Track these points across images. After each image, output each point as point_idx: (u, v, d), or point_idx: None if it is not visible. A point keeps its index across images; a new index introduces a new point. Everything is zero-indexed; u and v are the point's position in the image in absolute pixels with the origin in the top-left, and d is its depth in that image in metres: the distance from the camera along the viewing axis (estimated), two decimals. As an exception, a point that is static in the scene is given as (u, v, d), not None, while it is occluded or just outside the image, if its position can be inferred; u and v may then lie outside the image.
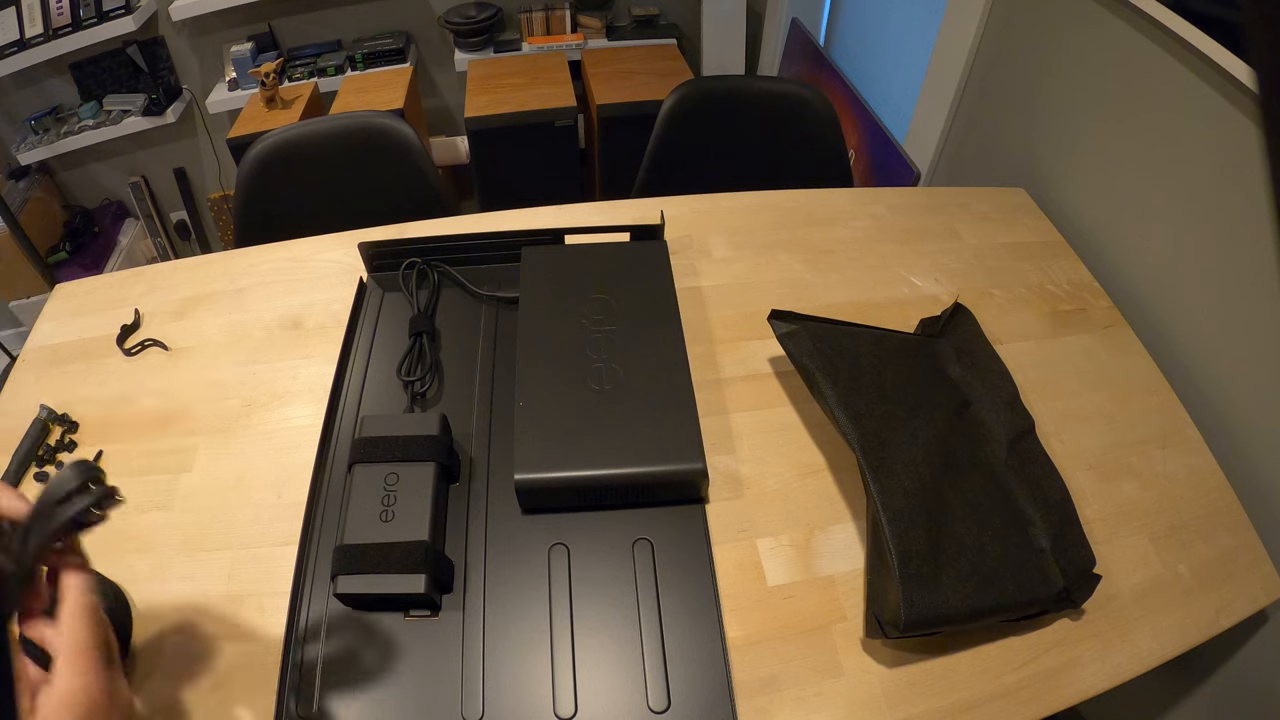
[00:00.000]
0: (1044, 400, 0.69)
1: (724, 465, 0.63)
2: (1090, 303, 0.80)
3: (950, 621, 0.51)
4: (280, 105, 1.79)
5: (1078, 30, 0.89)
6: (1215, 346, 0.74)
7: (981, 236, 0.88)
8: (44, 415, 0.67)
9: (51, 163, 1.99)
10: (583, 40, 2.07)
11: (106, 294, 0.81)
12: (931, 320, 0.75)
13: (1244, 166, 0.68)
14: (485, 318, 0.74)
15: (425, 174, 1.08)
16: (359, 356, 0.70)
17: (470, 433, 0.64)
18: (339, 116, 1.08)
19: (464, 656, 0.51)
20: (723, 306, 0.77)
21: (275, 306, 0.78)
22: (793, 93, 1.13)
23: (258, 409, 0.68)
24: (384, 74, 1.94)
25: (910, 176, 1.31)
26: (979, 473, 0.60)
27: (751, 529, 0.60)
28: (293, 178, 1.07)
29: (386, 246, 0.77)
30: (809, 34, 1.80)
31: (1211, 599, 0.58)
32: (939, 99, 1.20)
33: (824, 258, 0.84)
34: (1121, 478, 0.65)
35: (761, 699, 0.51)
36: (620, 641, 0.52)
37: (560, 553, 0.57)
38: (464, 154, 2.10)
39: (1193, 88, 0.73)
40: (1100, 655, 0.54)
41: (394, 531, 0.53)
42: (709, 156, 1.16)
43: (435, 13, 2.03)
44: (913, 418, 0.61)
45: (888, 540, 0.52)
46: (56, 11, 1.75)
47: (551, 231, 0.76)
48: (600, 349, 0.64)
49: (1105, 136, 0.87)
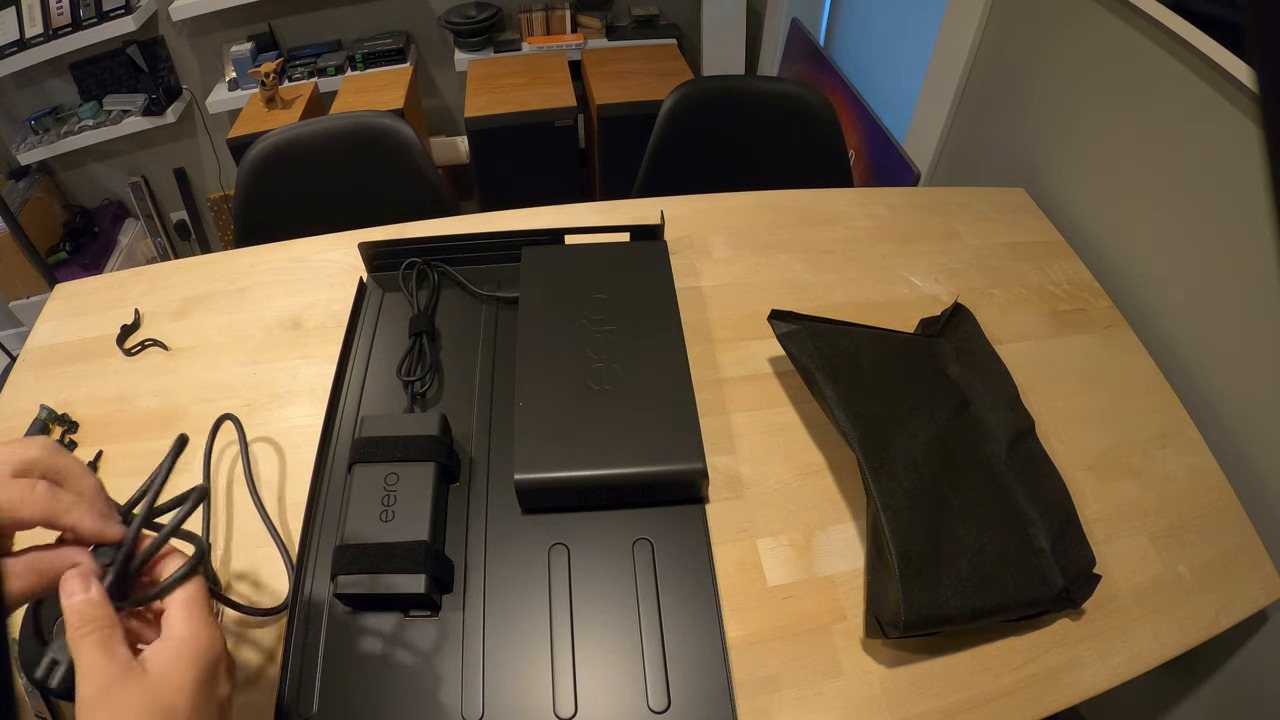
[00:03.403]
0: (1044, 400, 0.69)
1: (724, 465, 0.63)
2: (1090, 303, 0.80)
3: (950, 621, 0.51)
4: (280, 105, 1.79)
5: (1078, 30, 0.89)
6: (1215, 346, 0.74)
7: (981, 236, 0.88)
8: (44, 415, 0.67)
9: (51, 163, 1.99)
10: (583, 40, 2.07)
11: (106, 294, 0.81)
12: (931, 320, 0.75)
13: (1244, 166, 0.68)
14: (485, 318, 0.74)
15: (425, 174, 1.08)
16: (359, 356, 0.70)
17: (470, 433, 0.64)
18: (339, 116, 1.08)
19: (464, 656, 0.51)
20: (723, 306, 0.77)
21: (275, 306, 0.78)
22: (793, 93, 1.13)
23: (258, 409, 0.68)
24: (384, 74, 1.94)
25: (910, 176, 1.31)
26: (979, 473, 0.60)
27: (751, 529, 0.60)
28: (293, 178, 1.07)
29: (386, 246, 0.77)
30: (809, 34, 1.80)
31: (1211, 599, 0.58)
32: (939, 99, 1.20)
33: (824, 258, 0.84)
34: (1121, 478, 0.65)
35: (761, 699, 0.51)
36: (620, 641, 0.52)
37: (560, 553, 0.57)
38: (464, 154, 2.10)
39: (1193, 88, 0.73)
40: (1100, 655, 0.54)
41: (394, 531, 0.53)
42: (709, 156, 1.16)
43: (435, 13, 2.03)
44: (913, 418, 0.61)
45: (888, 540, 0.52)
46: (56, 11, 1.75)
47: (551, 231, 0.76)
48: (600, 349, 0.64)
49: (1105, 137, 0.87)
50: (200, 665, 0.34)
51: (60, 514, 0.35)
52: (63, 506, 0.35)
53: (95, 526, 0.35)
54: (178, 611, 0.35)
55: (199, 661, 0.34)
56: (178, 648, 0.34)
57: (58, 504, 0.34)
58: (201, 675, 0.34)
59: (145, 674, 0.33)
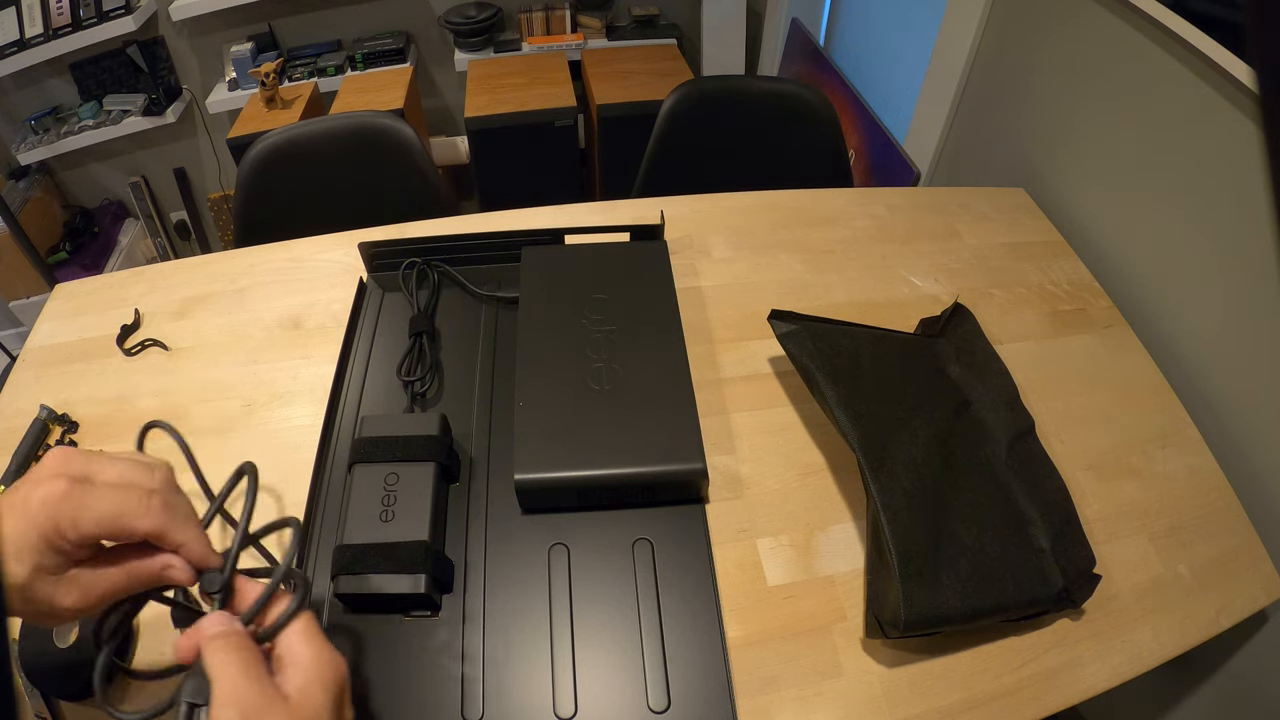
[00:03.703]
0: (1044, 400, 0.69)
1: (724, 465, 0.63)
2: (1090, 303, 0.80)
3: (950, 621, 0.51)
4: (280, 105, 1.79)
5: (1078, 30, 0.89)
6: (1215, 346, 0.74)
7: (981, 236, 0.88)
8: (44, 415, 0.67)
9: (51, 163, 1.99)
10: (583, 40, 2.07)
11: (106, 294, 0.81)
12: (931, 320, 0.75)
13: (1245, 166, 0.68)
14: (485, 318, 0.74)
15: (425, 174, 1.08)
16: (359, 356, 0.70)
17: (470, 433, 0.64)
18: (339, 116, 1.08)
19: (464, 656, 0.51)
20: (723, 306, 0.77)
21: (275, 306, 0.78)
22: (793, 93, 1.13)
23: (258, 409, 0.68)
24: (384, 74, 1.94)
25: (910, 176, 1.31)
26: (979, 473, 0.60)
27: (751, 529, 0.59)
28: (293, 178, 1.07)
29: (386, 246, 0.77)
30: (809, 34, 1.80)
31: (1211, 599, 0.58)
32: (939, 99, 1.20)
33: (824, 258, 0.84)
34: (1121, 478, 0.65)
35: (761, 699, 0.51)
36: (620, 641, 0.52)
37: (560, 553, 0.57)
38: (464, 154, 2.10)
39: (1193, 88, 0.73)
40: (1100, 655, 0.54)
41: (394, 531, 0.53)
42: (709, 156, 1.16)
43: (435, 13, 2.03)
44: (913, 418, 0.61)
45: (888, 540, 0.52)
46: (56, 11, 1.75)
47: (551, 231, 0.76)
48: (600, 349, 0.64)
49: (1106, 136, 0.87)
50: (332, 690, 0.34)
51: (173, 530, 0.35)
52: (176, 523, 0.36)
53: (204, 550, 0.36)
54: (298, 640, 0.35)
55: (331, 686, 0.34)
56: (310, 673, 0.34)
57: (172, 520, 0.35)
58: (334, 700, 0.34)
59: (286, 700, 0.33)
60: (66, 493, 0.33)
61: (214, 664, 0.33)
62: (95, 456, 0.36)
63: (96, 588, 0.34)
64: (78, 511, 0.33)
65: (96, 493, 0.34)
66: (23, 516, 0.32)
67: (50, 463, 0.35)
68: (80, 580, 0.34)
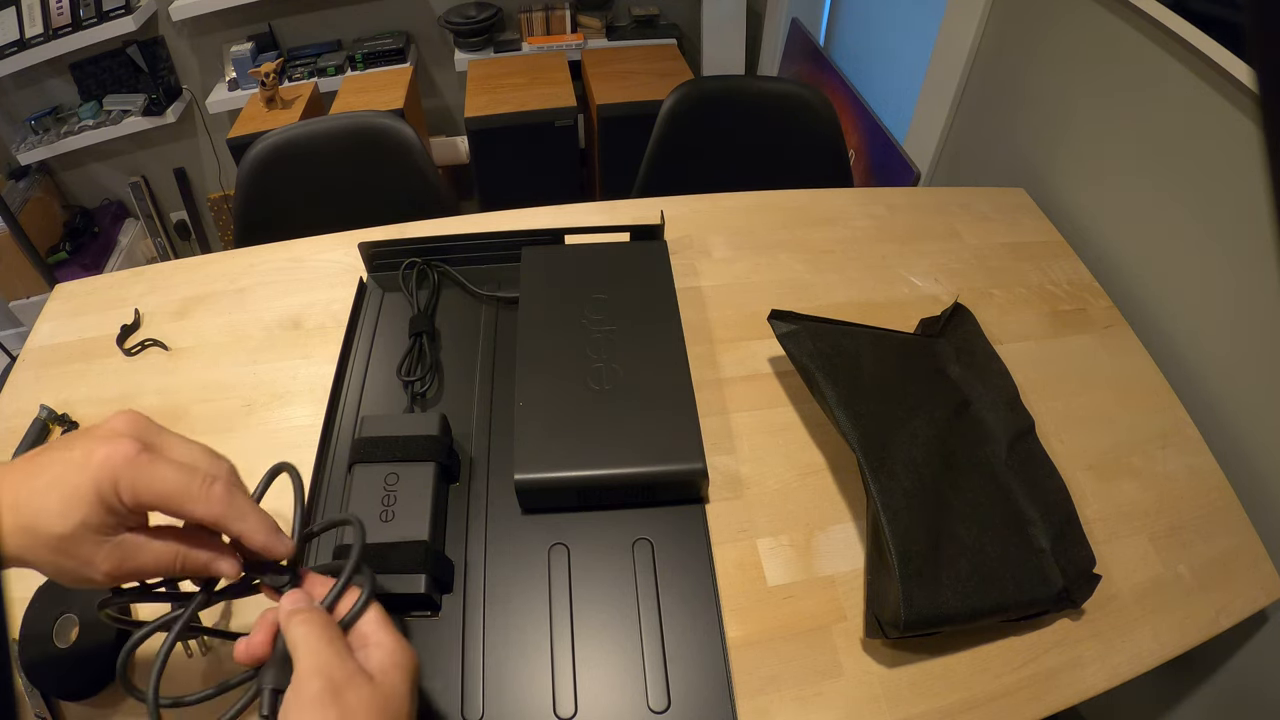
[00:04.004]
0: (1044, 400, 0.69)
1: (724, 465, 0.63)
2: (1090, 303, 0.80)
3: (950, 621, 0.51)
4: (280, 105, 1.79)
5: (1077, 31, 0.89)
6: (1215, 346, 0.74)
7: (981, 236, 0.88)
8: (44, 415, 0.67)
9: (51, 163, 1.99)
10: (583, 40, 2.07)
11: (106, 294, 0.81)
12: (931, 320, 0.75)
13: (1245, 167, 0.68)
14: (485, 318, 0.74)
15: (425, 174, 1.08)
16: (359, 356, 0.70)
17: (470, 433, 0.64)
18: (339, 116, 1.08)
19: (464, 656, 0.51)
20: (723, 306, 0.77)
21: (275, 306, 0.78)
22: (793, 93, 1.13)
23: (258, 409, 0.68)
24: (384, 74, 1.94)
25: (910, 176, 1.31)
26: (979, 473, 0.60)
27: (751, 529, 0.59)
28: (293, 178, 1.07)
29: (386, 246, 0.77)
30: (809, 34, 1.80)
31: (1211, 599, 0.58)
32: (939, 99, 1.20)
33: (824, 258, 0.84)
34: (1121, 478, 0.65)
35: (761, 699, 0.51)
36: (620, 641, 0.52)
37: (560, 553, 0.57)
38: (464, 154, 2.10)
39: (1193, 88, 0.73)
40: (1100, 655, 0.54)
41: (394, 531, 0.53)
42: (709, 156, 1.16)
43: (435, 13, 2.03)
44: (913, 418, 0.61)
45: (888, 540, 0.52)
46: (56, 11, 1.75)
47: (551, 231, 0.76)
48: (600, 349, 0.64)
49: (1106, 137, 0.87)
50: (410, 675, 0.35)
51: (234, 519, 0.35)
52: (237, 512, 0.35)
53: (267, 540, 0.36)
54: (375, 626, 0.35)
55: (409, 672, 0.35)
56: (392, 657, 0.34)
57: (233, 508, 0.34)
58: (410, 685, 0.34)
59: (371, 678, 0.33)
60: (133, 457, 0.32)
61: (297, 636, 0.32)
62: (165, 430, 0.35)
63: (137, 559, 0.33)
64: (139, 478, 0.32)
65: (162, 465, 0.33)
66: (80, 469, 0.32)
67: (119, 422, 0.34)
68: (125, 546, 0.33)
